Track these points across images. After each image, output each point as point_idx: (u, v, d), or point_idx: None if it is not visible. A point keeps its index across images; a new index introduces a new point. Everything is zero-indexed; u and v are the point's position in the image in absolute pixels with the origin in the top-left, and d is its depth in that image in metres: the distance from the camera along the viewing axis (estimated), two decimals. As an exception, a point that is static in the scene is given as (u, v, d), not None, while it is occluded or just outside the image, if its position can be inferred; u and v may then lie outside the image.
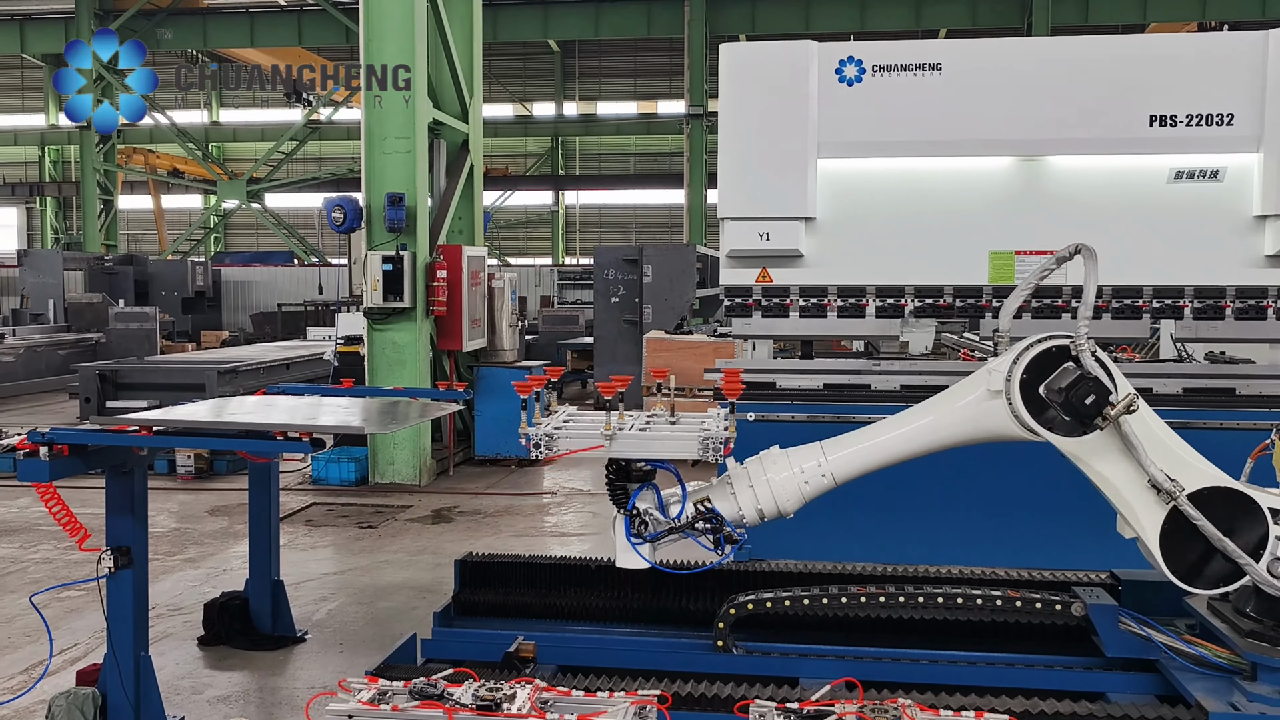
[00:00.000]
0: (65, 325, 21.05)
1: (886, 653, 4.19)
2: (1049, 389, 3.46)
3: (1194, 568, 3.50)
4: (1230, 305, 5.53)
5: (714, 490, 3.90)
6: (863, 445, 3.88)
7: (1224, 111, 5.32)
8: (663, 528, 3.82)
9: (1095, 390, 3.39)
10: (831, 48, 5.54)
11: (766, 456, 3.93)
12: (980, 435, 3.75)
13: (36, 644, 5.80)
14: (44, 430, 4.23)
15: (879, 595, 4.18)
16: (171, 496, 9.70)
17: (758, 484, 3.85)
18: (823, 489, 3.87)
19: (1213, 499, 3.46)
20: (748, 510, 3.84)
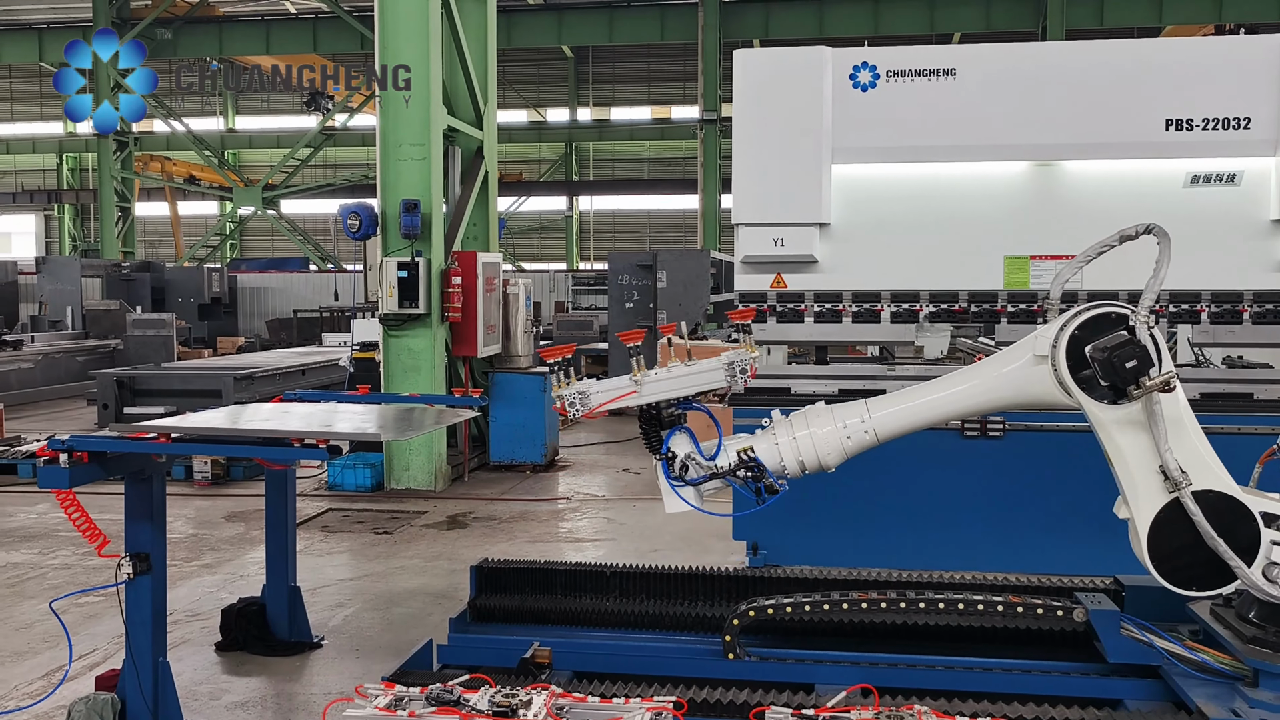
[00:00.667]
0: (83, 332, 21.20)
1: (899, 658, 4.17)
2: (1096, 347, 3.45)
3: (1175, 562, 3.50)
4: (1248, 309, 5.51)
5: (757, 440, 3.91)
6: (907, 404, 3.91)
7: (1241, 115, 5.30)
8: (705, 472, 3.85)
9: (1140, 358, 3.37)
10: (845, 53, 5.55)
11: (811, 410, 3.94)
12: (1020, 400, 3.79)
13: (56, 649, 5.84)
14: (64, 437, 4.26)
15: (880, 601, 4.17)
16: (189, 502, 9.74)
17: (800, 435, 3.86)
18: (864, 445, 3.88)
19: (1217, 502, 3.45)
20: (789, 460, 3.85)
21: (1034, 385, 3.65)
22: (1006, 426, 5.77)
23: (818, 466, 3.88)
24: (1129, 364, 3.37)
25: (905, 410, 3.89)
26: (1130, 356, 3.37)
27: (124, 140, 29.74)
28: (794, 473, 3.87)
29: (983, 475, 5.81)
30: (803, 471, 3.87)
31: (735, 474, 3.84)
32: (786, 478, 3.88)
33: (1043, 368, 3.60)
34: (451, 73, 11.36)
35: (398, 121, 10.29)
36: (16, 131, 38.85)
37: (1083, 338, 3.51)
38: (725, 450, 3.89)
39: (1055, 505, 5.66)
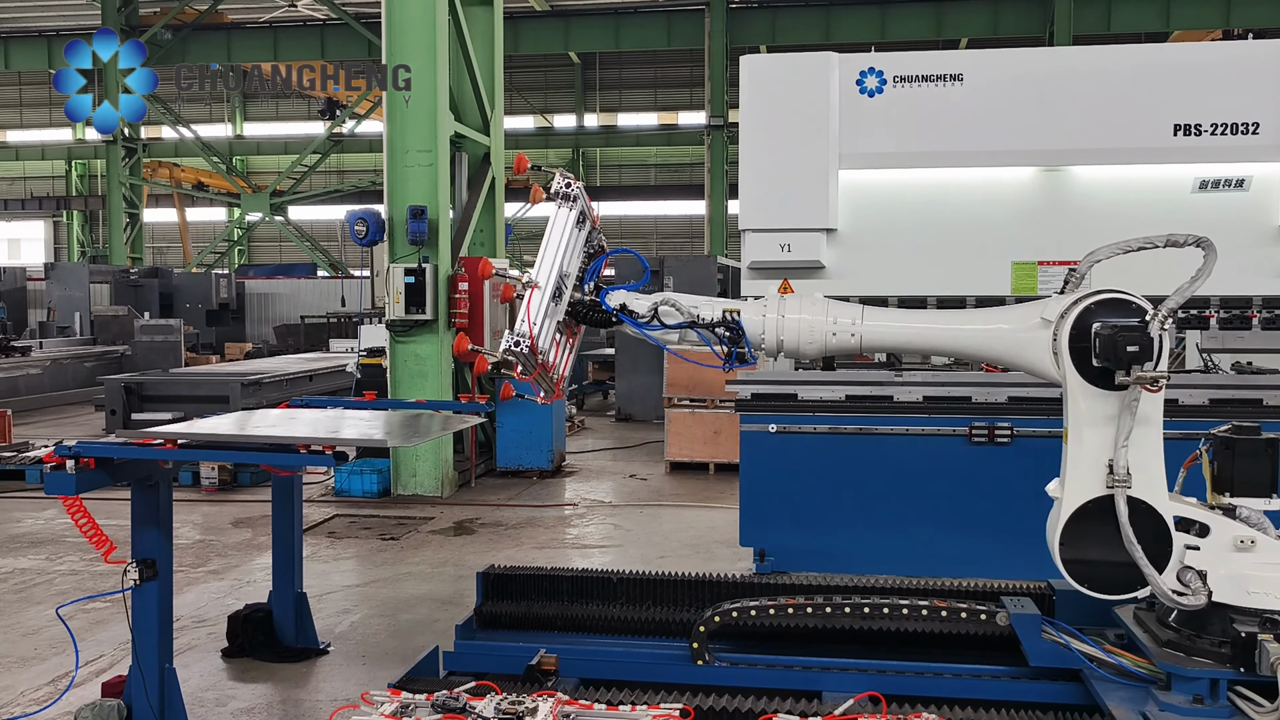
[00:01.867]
0: (91, 338, 21.25)
1: (908, 666, 4.16)
2: (1104, 323, 3.43)
3: (1082, 552, 3.53)
4: (1257, 315, 5.49)
5: (747, 306, 3.92)
6: (900, 322, 3.91)
7: (1249, 120, 5.29)
8: (684, 319, 3.87)
9: (1143, 346, 3.35)
10: (852, 59, 5.55)
11: (809, 297, 3.93)
12: (1008, 358, 3.79)
13: (62, 656, 5.84)
14: (70, 443, 4.26)
15: (806, 606, 4.20)
16: (196, 508, 9.75)
17: (789, 315, 3.85)
18: (847, 347, 3.87)
19: (1143, 511, 3.46)
20: (770, 336, 3.85)
21: (1028, 348, 3.65)
22: (1015, 433, 5.75)
23: (795, 351, 3.87)
24: (1130, 348, 3.35)
25: (896, 327, 3.89)
26: (1135, 342, 3.35)
27: (132, 146, 29.85)
28: (770, 349, 3.87)
29: (991, 481, 5.79)
30: (779, 351, 3.87)
31: (714, 329, 3.85)
32: (762, 350, 3.89)
33: (1043, 333, 3.59)
34: (458, 79, 11.37)
35: (405, 128, 10.31)
36: (26, 138, 38.99)
37: (1094, 314, 3.49)
38: (711, 305, 3.90)
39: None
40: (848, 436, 5.95)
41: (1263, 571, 3.44)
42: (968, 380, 6.24)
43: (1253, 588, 3.43)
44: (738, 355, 3.86)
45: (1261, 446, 3.61)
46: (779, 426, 5.99)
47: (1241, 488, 3.60)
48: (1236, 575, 3.46)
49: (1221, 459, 3.65)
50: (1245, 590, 3.43)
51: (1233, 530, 3.52)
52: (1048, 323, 3.58)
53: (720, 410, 11.34)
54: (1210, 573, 3.47)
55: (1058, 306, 3.58)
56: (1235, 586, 3.45)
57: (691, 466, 11.57)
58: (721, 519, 9.00)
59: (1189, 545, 3.50)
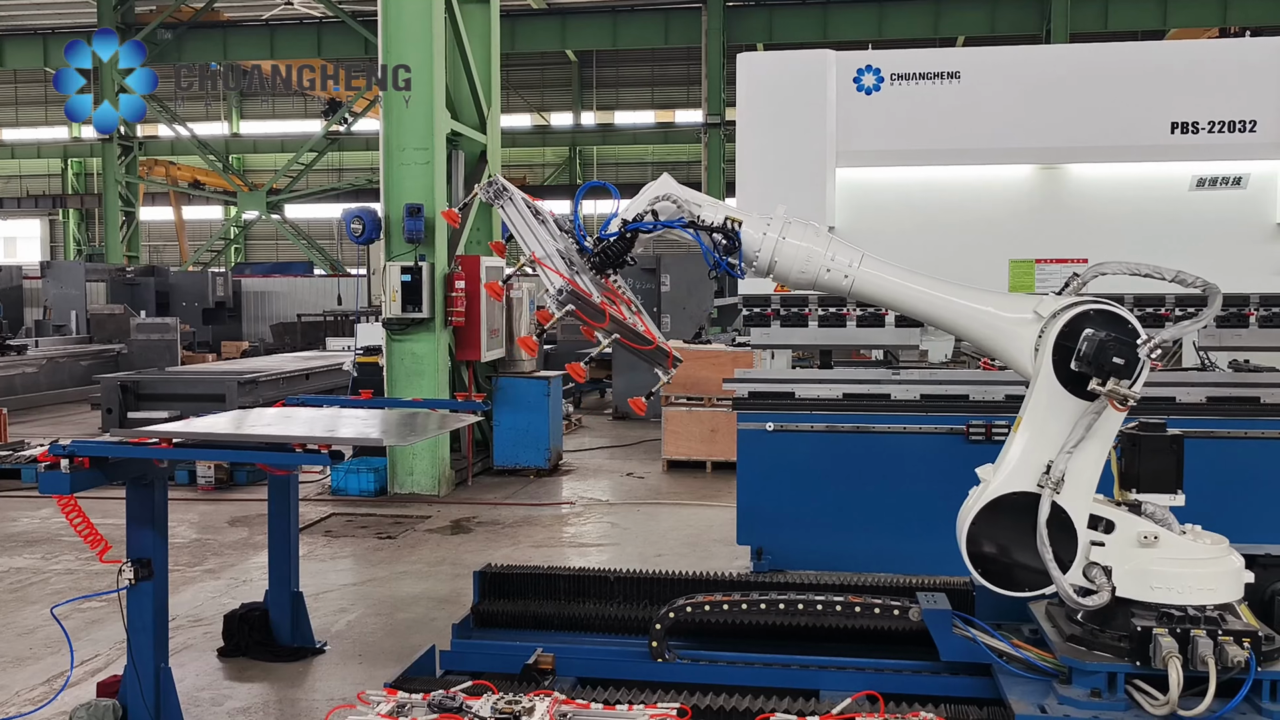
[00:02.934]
0: (87, 336, 21.22)
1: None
2: (1097, 328, 3.44)
3: (992, 551, 3.58)
4: (1254, 313, 5.49)
5: (750, 219, 3.86)
6: (894, 278, 3.88)
7: (1247, 118, 5.28)
8: (683, 217, 3.80)
9: (1127, 360, 3.36)
10: (849, 57, 5.54)
11: (818, 230, 3.90)
12: (988, 344, 3.79)
13: (58, 655, 5.83)
14: (65, 443, 4.24)
15: (723, 604, 4.22)
16: (192, 507, 9.73)
17: (790, 239, 3.82)
18: (836, 287, 3.86)
19: (1061, 519, 3.49)
20: (764, 255, 3.82)
21: (1011, 338, 3.66)
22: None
23: (784, 277, 3.85)
24: (1116, 360, 3.36)
25: (890, 282, 3.87)
26: (1123, 356, 3.37)
27: (128, 145, 29.79)
28: (761, 268, 3.84)
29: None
30: (768, 272, 3.85)
31: (712, 234, 3.79)
32: (753, 268, 3.85)
33: (1030, 327, 3.60)
34: (455, 77, 11.36)
35: (401, 126, 10.29)
36: (22, 136, 38.95)
37: (1089, 321, 3.49)
38: (715, 208, 3.85)
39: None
40: (845, 435, 5.95)
41: (1165, 567, 3.50)
42: (965, 379, 6.24)
43: (1155, 583, 3.48)
44: (727, 265, 3.82)
45: (1166, 443, 3.67)
46: (776, 425, 5.98)
47: (1147, 484, 3.66)
48: (1140, 571, 3.51)
49: (1128, 455, 3.70)
50: (1148, 585, 3.49)
51: (1137, 526, 3.57)
52: (1039, 318, 3.59)
53: (717, 409, 11.34)
54: (1115, 568, 3.52)
55: (1053, 305, 3.58)
56: (1139, 582, 3.50)
57: (689, 465, 11.56)
58: (719, 517, 8.99)
59: (1095, 541, 3.55)
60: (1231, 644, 3.29)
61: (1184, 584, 3.45)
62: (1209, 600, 3.45)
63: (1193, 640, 3.30)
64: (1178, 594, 3.44)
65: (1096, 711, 3.38)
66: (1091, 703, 3.42)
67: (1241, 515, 5.60)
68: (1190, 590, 3.44)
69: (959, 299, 3.82)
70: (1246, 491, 5.61)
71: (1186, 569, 3.48)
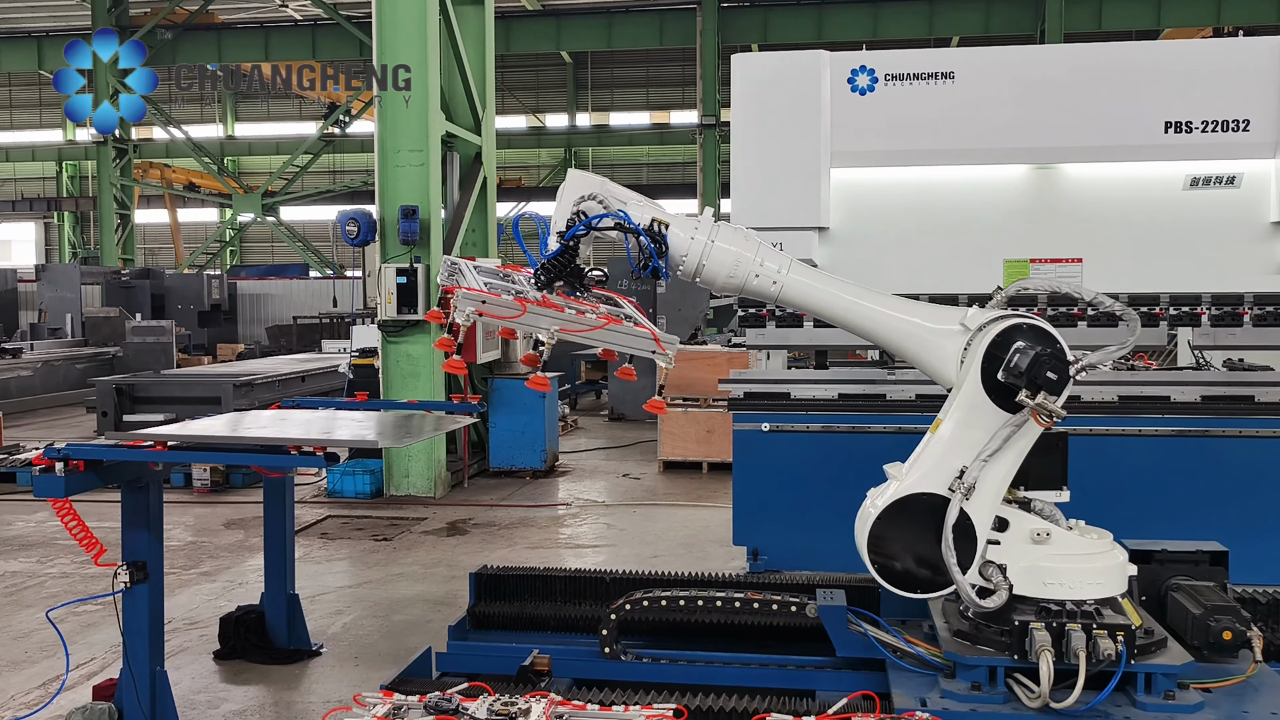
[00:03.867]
0: (82, 339, 21.17)
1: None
2: (1029, 342, 3.47)
3: (894, 551, 3.62)
4: (1248, 312, 5.50)
5: (679, 220, 3.85)
6: (821, 285, 3.89)
7: (1240, 117, 5.29)
8: (606, 213, 3.76)
9: (1059, 376, 3.39)
10: (843, 57, 5.54)
11: (750, 234, 3.89)
12: (912, 354, 3.81)
13: (53, 659, 5.82)
14: (60, 446, 4.24)
15: (626, 604, 4.27)
16: (188, 510, 9.72)
17: (719, 244, 3.81)
18: (764, 293, 3.86)
19: (964, 525, 3.53)
20: (692, 257, 3.80)
21: (935, 349, 3.69)
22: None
23: (712, 282, 3.84)
24: (1049, 374, 3.39)
25: (817, 289, 3.87)
26: (1055, 371, 3.40)
27: (123, 147, 29.74)
28: (688, 272, 3.83)
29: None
30: (694, 276, 3.83)
31: (638, 236, 3.77)
32: (680, 271, 3.84)
33: (955, 341, 3.63)
34: (450, 79, 11.35)
35: (396, 128, 10.29)
36: (16, 139, 38.83)
37: (1022, 333, 3.52)
38: (641, 207, 3.83)
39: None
40: (841, 435, 5.94)
41: (1056, 563, 3.55)
42: (960, 378, 6.24)
43: (1048, 578, 3.54)
44: (653, 269, 3.82)
45: (1053, 441, 3.71)
46: (772, 425, 5.98)
47: (1036, 481, 3.71)
48: (1033, 567, 3.56)
49: None
50: (1042, 581, 3.54)
51: (1029, 523, 3.62)
52: (966, 330, 3.62)
53: (713, 409, 11.34)
54: (1010, 566, 3.57)
55: (981, 317, 3.62)
56: (1033, 578, 3.55)
57: (685, 466, 11.56)
58: (715, 518, 8.99)
59: (990, 540, 3.60)
60: (1105, 637, 3.36)
61: (1073, 579, 3.52)
62: (1096, 594, 3.52)
63: (1067, 634, 3.38)
64: (1068, 589, 3.51)
65: (975, 704, 3.44)
66: (972, 696, 3.48)
67: (1239, 514, 5.61)
68: (1079, 585, 3.51)
69: (885, 309, 3.84)
70: (1241, 490, 5.62)
71: (1074, 564, 3.54)
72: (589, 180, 3.88)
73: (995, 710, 3.41)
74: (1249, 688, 3.56)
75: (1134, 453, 5.69)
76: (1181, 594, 3.84)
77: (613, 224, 3.77)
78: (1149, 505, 5.60)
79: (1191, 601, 3.75)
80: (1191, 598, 3.77)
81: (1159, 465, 5.68)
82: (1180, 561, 4.01)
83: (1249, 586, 4.38)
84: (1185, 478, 5.68)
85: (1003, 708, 3.41)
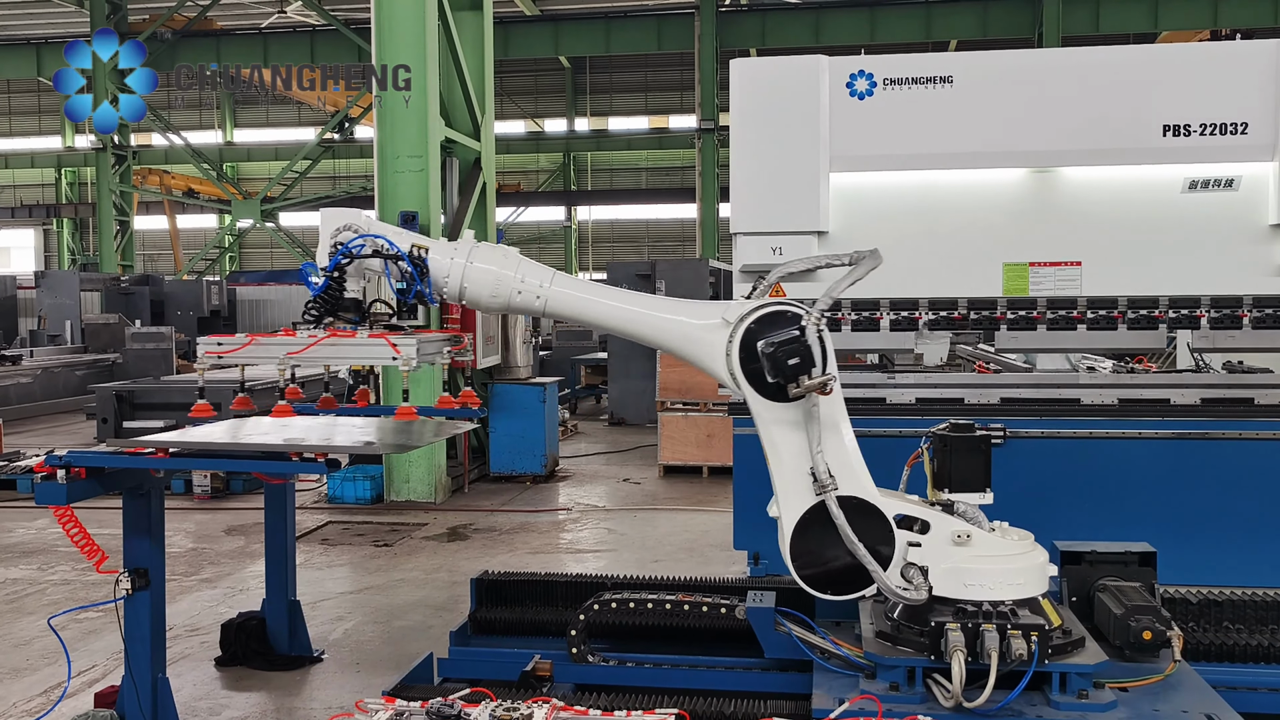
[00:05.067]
0: (82, 346, 21.17)
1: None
2: (766, 341, 3.55)
3: (816, 563, 3.68)
4: (1248, 314, 5.49)
5: (438, 244, 3.92)
6: (585, 294, 3.95)
7: (1238, 120, 5.29)
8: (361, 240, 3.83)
9: (801, 356, 3.47)
10: (842, 62, 5.54)
11: (509, 252, 3.98)
12: (688, 355, 3.85)
13: (55, 666, 5.82)
14: (61, 453, 4.24)
15: (590, 611, 4.33)
16: (188, 516, 9.72)
17: (478, 264, 3.88)
18: (530, 308, 3.92)
19: (859, 508, 3.59)
20: (453, 280, 3.88)
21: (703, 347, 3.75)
22: (1007, 434, 5.75)
23: (476, 302, 3.92)
24: (791, 361, 3.46)
25: (582, 299, 3.93)
26: (794, 354, 3.46)
27: (122, 154, 29.76)
28: (451, 294, 3.90)
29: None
30: (460, 299, 3.89)
31: (398, 261, 3.82)
32: (443, 295, 3.90)
33: (719, 334, 3.68)
34: (449, 84, 11.37)
35: (395, 133, 10.30)
36: (15, 146, 38.88)
37: (758, 331, 3.59)
38: (400, 236, 3.89)
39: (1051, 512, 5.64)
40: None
41: (978, 564, 3.60)
42: (960, 382, 6.25)
43: (969, 580, 3.58)
44: (416, 294, 3.87)
45: (976, 443, 3.78)
46: (772, 429, 5.97)
47: (958, 483, 3.77)
48: (955, 569, 3.61)
49: (940, 456, 3.81)
50: (962, 583, 3.59)
51: (951, 525, 3.66)
52: (727, 324, 3.68)
53: (713, 414, 11.35)
54: (931, 568, 3.62)
55: (739, 310, 3.67)
56: (954, 580, 3.60)
57: (685, 470, 11.57)
58: (715, 522, 8.99)
59: (911, 542, 3.64)
60: (1019, 637, 3.41)
61: (992, 580, 3.56)
62: (1015, 595, 3.57)
63: (981, 634, 3.43)
64: (988, 590, 3.56)
65: (891, 704, 3.47)
66: (890, 695, 3.53)
67: (1238, 515, 5.62)
68: (999, 586, 3.56)
69: (652, 310, 3.88)
70: (1243, 493, 5.63)
71: (994, 565, 3.59)
72: (342, 214, 3.97)
73: (912, 709, 3.46)
74: (1167, 686, 3.61)
75: (1134, 455, 5.69)
76: (1107, 594, 3.90)
77: (372, 251, 3.83)
78: (1147, 507, 5.61)
79: (1114, 601, 3.81)
80: (1115, 598, 3.84)
81: (1159, 467, 5.69)
82: (1109, 562, 4.08)
83: (1182, 587, 4.45)
84: (1186, 479, 5.68)
85: (920, 708, 3.47)
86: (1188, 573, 4.90)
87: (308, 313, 3.91)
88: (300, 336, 3.89)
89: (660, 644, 4.39)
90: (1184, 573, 4.80)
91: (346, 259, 3.88)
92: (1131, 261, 5.51)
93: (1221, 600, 4.39)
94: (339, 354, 3.97)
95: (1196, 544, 5.54)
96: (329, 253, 3.91)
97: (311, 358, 3.96)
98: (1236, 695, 3.84)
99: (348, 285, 3.97)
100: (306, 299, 3.96)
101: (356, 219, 3.89)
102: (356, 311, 3.98)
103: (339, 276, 3.92)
